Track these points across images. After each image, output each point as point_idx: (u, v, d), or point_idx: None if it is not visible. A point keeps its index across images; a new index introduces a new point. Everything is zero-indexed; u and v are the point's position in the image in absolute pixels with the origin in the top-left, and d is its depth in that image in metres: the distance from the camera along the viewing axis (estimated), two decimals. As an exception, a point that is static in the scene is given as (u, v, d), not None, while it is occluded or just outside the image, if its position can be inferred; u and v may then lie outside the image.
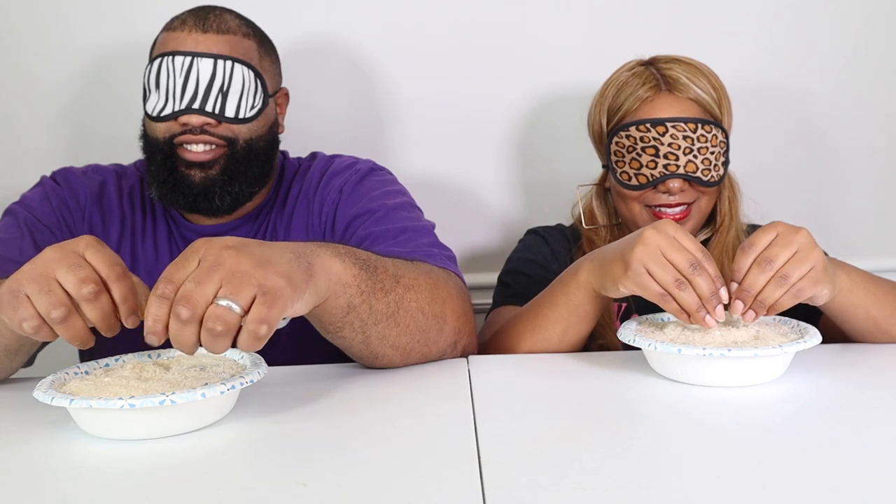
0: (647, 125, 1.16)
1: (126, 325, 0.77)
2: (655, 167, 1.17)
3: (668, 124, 1.16)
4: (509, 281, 1.26)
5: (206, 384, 0.75)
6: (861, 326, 1.01)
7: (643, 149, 1.17)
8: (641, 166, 1.18)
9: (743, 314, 0.88)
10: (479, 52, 1.59)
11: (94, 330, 0.77)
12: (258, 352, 0.85)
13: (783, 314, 1.00)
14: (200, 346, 0.71)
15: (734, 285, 0.88)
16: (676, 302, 0.88)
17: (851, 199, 1.67)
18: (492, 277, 1.33)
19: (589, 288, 0.98)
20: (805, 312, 1.17)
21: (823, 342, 0.90)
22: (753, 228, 1.29)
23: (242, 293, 0.69)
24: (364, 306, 0.85)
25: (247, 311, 0.70)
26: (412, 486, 0.63)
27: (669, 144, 1.16)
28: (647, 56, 1.26)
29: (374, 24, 1.57)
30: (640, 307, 1.22)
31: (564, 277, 1.01)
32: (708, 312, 0.87)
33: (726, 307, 0.89)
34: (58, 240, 1.12)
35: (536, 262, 1.27)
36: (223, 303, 0.69)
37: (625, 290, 0.92)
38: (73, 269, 0.74)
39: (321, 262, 0.80)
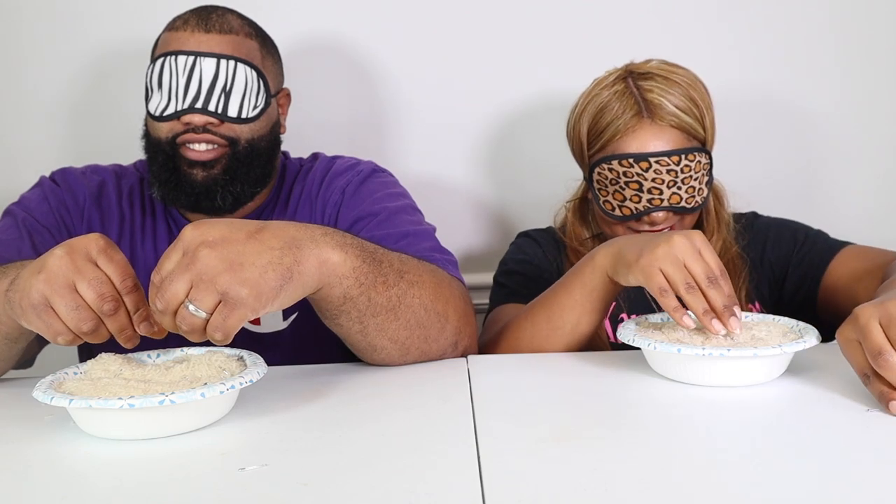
0: (631, 160, 1.15)
1: (139, 332, 0.80)
2: (639, 201, 1.16)
3: (652, 160, 1.14)
4: (505, 281, 1.26)
5: (206, 384, 0.75)
6: None
7: (626, 183, 1.16)
8: (625, 199, 1.17)
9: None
10: (479, 54, 1.59)
11: None
12: (258, 352, 0.86)
13: (783, 314, 1.00)
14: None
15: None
16: (682, 302, 0.88)
17: (847, 203, 1.67)
18: (484, 278, 1.34)
19: (603, 272, 0.98)
20: (801, 308, 1.18)
21: (824, 340, 0.90)
22: (739, 219, 1.29)
23: (205, 300, 0.73)
24: (362, 298, 0.85)
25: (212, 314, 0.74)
26: (412, 485, 0.63)
27: (653, 179, 1.14)
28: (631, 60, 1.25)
29: (375, 26, 1.58)
30: (630, 307, 1.22)
31: (581, 262, 1.02)
32: (716, 318, 0.87)
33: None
34: (56, 241, 1.13)
35: (530, 261, 1.28)
36: (190, 307, 0.73)
37: (632, 278, 0.92)
38: (92, 284, 0.77)
39: (318, 253, 0.80)
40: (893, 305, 0.75)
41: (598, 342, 1.14)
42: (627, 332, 0.92)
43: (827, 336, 0.96)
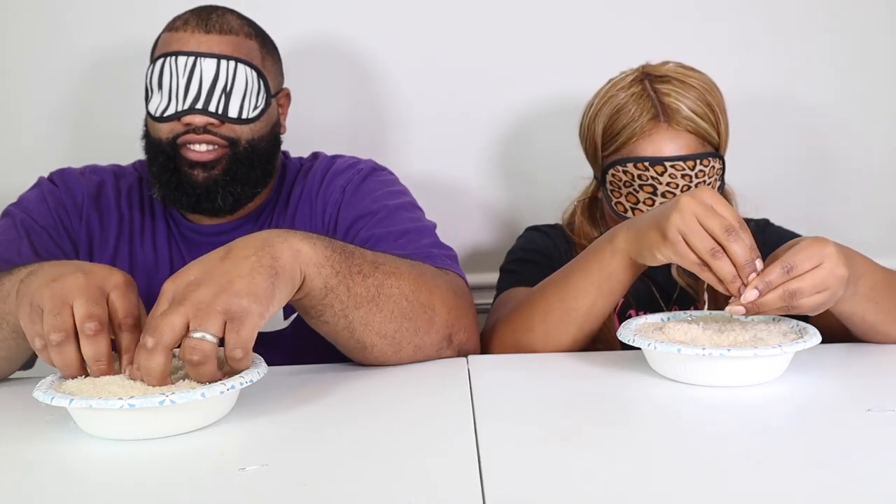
0: (646, 164, 1.15)
1: (128, 376, 0.78)
2: (653, 204, 1.16)
3: (668, 164, 1.14)
4: (516, 268, 1.26)
5: (206, 384, 0.75)
6: (856, 329, 1.01)
7: (640, 185, 1.16)
8: (638, 201, 1.18)
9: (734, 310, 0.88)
10: (480, 53, 1.59)
11: None
12: (258, 352, 0.86)
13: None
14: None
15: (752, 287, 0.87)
16: (712, 272, 0.87)
17: (852, 202, 1.67)
18: (490, 277, 1.33)
19: (625, 256, 0.97)
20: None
21: (823, 340, 0.90)
22: (748, 223, 1.29)
23: (210, 323, 0.73)
24: (341, 287, 0.86)
25: (222, 337, 0.74)
26: (412, 485, 0.63)
27: (668, 183, 1.15)
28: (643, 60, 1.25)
29: (375, 25, 1.58)
30: (639, 303, 1.22)
31: (598, 246, 1.00)
32: (743, 283, 0.86)
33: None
34: (55, 241, 1.14)
35: (542, 252, 1.28)
36: (196, 335, 0.73)
37: (662, 257, 0.91)
38: (89, 301, 0.77)
39: (288, 247, 0.81)
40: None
41: (608, 335, 1.14)
42: (627, 332, 0.91)
43: (825, 337, 0.96)
